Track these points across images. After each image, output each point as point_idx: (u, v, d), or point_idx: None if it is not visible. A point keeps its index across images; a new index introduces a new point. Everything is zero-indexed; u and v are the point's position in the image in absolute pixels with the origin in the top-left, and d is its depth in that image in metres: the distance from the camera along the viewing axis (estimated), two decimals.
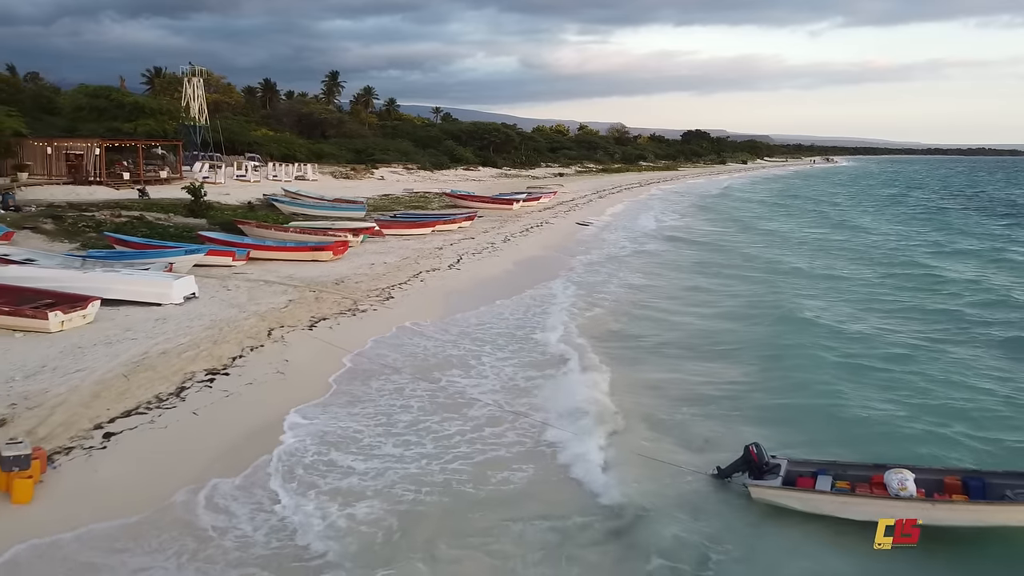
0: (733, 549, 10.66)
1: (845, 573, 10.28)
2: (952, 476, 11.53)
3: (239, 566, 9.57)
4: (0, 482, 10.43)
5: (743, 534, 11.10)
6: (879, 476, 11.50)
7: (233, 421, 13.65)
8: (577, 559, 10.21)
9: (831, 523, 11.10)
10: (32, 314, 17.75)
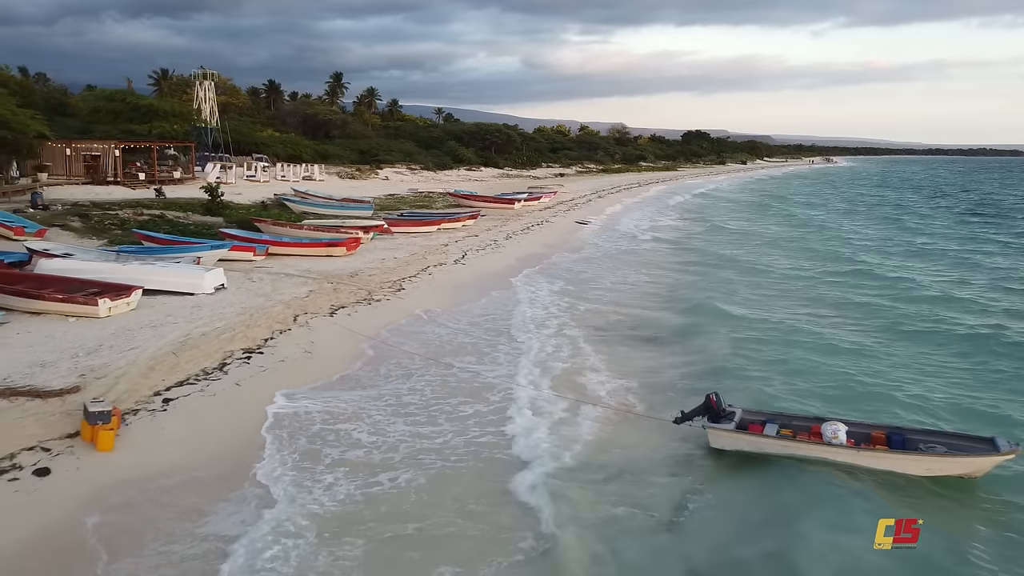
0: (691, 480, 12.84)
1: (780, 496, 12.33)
2: (879, 430, 13.67)
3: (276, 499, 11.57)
4: (86, 433, 12.44)
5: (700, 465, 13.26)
6: (817, 427, 13.68)
7: (271, 392, 15.64)
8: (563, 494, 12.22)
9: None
10: (83, 301, 19.77)
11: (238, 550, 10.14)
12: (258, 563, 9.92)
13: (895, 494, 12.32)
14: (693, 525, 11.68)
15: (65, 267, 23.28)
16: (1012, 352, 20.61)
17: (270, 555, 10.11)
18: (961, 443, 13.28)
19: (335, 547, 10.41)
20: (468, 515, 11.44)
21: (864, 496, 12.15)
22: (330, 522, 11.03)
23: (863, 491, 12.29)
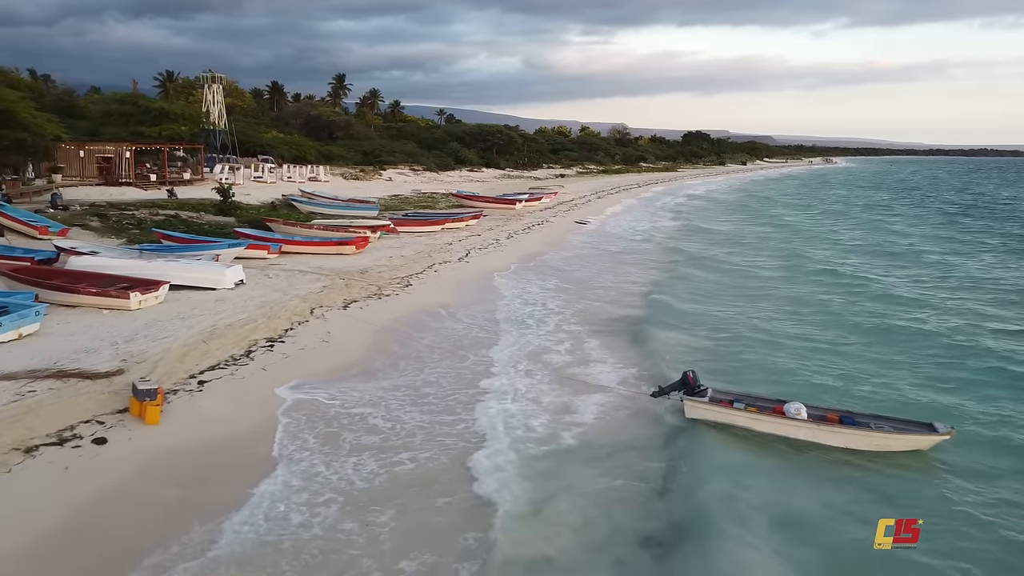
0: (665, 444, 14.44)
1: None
2: (833, 413, 15.37)
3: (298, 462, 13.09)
4: (135, 408, 13.96)
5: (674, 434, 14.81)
6: (780, 407, 15.24)
7: (294, 373, 17.17)
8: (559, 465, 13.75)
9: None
10: (116, 294, 21.30)
11: (263, 503, 11.70)
12: (280, 512, 11.45)
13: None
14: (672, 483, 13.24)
15: (94, 264, 24.81)
16: (946, 346, 22.31)
17: (292, 507, 11.65)
18: (904, 425, 14.89)
19: (363, 513, 11.92)
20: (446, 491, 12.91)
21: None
22: (354, 488, 12.56)
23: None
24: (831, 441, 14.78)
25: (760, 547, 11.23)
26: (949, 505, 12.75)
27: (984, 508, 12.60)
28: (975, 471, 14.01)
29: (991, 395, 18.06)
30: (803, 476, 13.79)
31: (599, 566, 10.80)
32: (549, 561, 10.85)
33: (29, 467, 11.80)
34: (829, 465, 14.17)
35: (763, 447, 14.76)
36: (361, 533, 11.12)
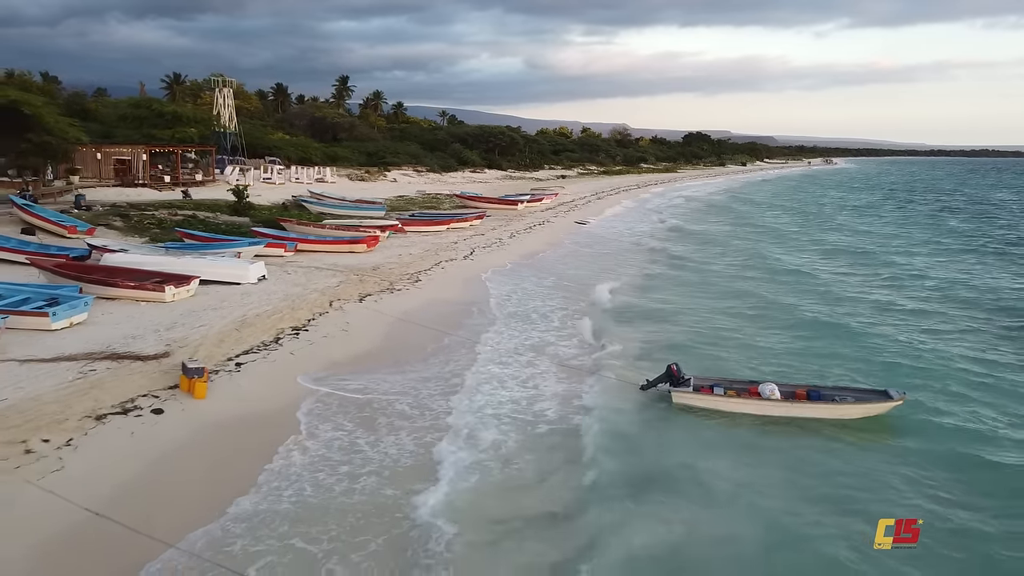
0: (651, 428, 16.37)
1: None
2: (801, 389, 17.34)
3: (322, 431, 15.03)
4: (184, 385, 15.90)
5: (656, 417, 16.72)
6: (755, 388, 17.17)
7: (318, 358, 19.12)
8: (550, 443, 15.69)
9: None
10: (152, 288, 23.25)
11: (294, 456, 13.68)
12: (307, 459, 13.41)
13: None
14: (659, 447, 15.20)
15: (128, 260, 26.76)
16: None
17: (316, 460, 13.60)
18: (863, 395, 16.90)
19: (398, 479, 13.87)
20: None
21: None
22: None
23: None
24: (802, 414, 16.75)
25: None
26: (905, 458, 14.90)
27: (925, 458, 14.64)
28: (923, 428, 16.17)
29: (918, 371, 20.25)
30: (759, 443, 15.79)
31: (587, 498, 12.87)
32: (547, 492, 13.06)
33: (102, 431, 13.74)
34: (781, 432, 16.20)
35: (730, 420, 16.76)
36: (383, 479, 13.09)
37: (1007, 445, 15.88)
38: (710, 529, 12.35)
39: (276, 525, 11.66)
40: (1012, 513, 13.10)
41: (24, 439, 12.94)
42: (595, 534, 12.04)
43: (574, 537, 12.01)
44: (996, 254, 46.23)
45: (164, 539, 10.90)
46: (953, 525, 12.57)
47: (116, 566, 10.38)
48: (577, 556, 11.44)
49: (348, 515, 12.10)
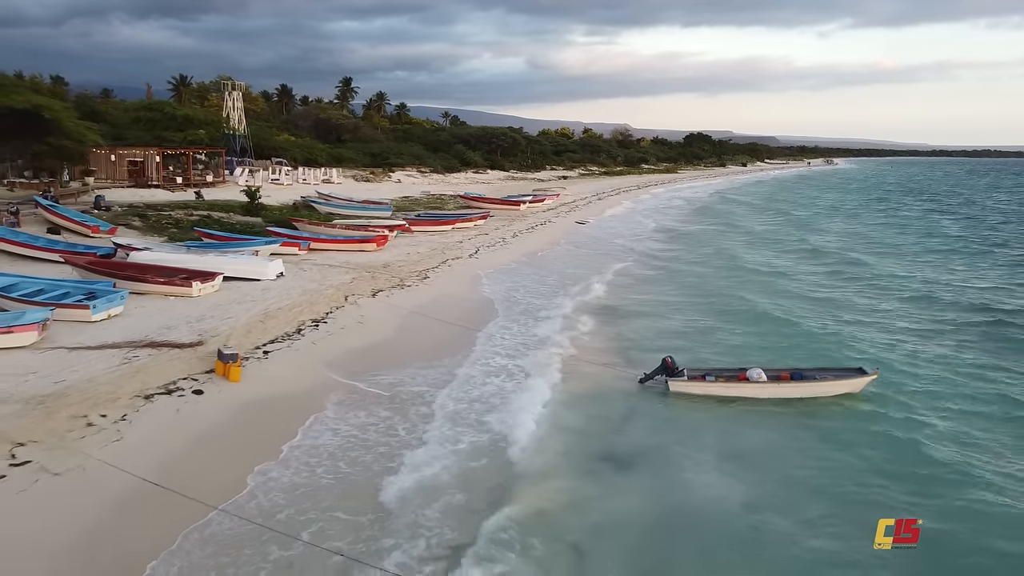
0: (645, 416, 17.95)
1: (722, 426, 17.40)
2: (785, 372, 18.91)
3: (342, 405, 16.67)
4: (219, 369, 17.53)
5: (653, 404, 18.32)
6: (743, 374, 18.75)
7: (338, 347, 20.77)
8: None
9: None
10: (180, 283, 24.90)
11: (320, 428, 15.32)
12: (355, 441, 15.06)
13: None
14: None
15: (153, 257, 28.44)
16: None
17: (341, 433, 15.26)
18: (841, 373, 18.58)
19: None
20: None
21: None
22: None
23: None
24: (787, 395, 18.40)
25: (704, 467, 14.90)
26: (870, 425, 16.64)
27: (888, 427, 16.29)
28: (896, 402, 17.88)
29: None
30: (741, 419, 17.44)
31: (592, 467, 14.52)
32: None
33: (151, 408, 15.38)
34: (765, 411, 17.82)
35: (719, 405, 18.39)
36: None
37: (954, 419, 17.53)
38: (701, 491, 14.02)
39: (308, 486, 13.32)
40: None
41: (85, 414, 14.60)
42: (610, 493, 13.97)
43: (588, 496, 13.72)
44: (977, 255, 47.74)
45: (209, 502, 12.49)
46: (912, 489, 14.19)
47: (167, 525, 11.95)
48: (593, 509, 13.29)
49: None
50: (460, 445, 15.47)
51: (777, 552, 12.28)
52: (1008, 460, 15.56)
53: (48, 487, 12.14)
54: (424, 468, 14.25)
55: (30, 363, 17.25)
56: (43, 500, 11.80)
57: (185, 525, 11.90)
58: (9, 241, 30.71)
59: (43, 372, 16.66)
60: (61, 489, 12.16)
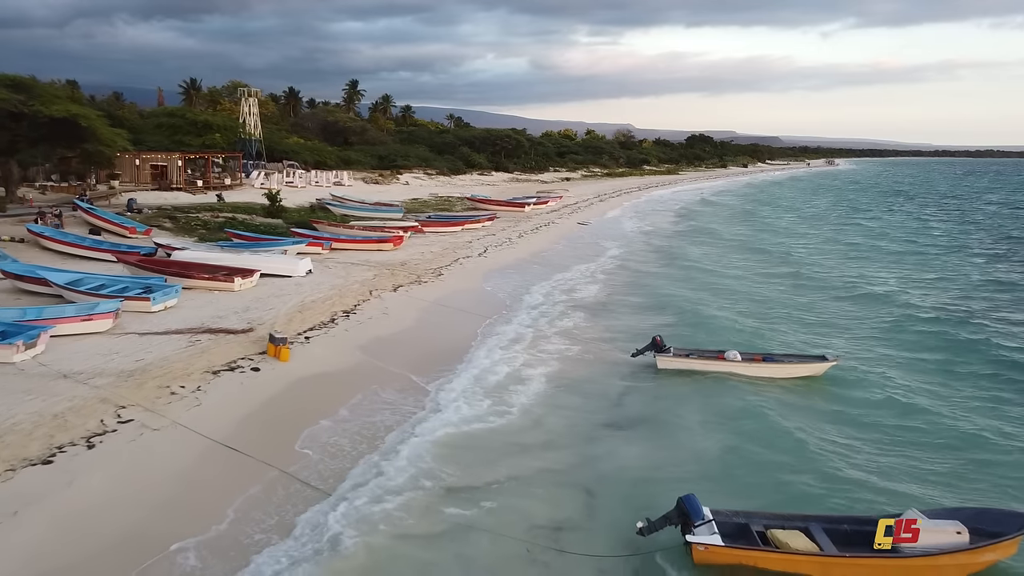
0: (643, 388, 20.80)
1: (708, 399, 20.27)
2: (757, 355, 21.84)
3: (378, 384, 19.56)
4: (271, 351, 20.44)
5: (647, 381, 21.21)
6: (722, 355, 21.64)
7: (368, 334, 23.68)
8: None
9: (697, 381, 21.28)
10: (224, 279, 27.82)
11: (360, 398, 18.23)
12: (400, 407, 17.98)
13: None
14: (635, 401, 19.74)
15: (194, 256, 31.38)
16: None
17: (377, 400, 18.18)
18: (806, 359, 21.46)
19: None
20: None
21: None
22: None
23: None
24: (759, 373, 21.25)
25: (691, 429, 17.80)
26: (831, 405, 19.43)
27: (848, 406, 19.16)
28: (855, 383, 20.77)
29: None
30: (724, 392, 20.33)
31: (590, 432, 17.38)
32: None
33: (219, 382, 18.30)
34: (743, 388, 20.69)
35: (699, 379, 21.30)
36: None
37: (893, 398, 20.37)
38: (685, 446, 16.93)
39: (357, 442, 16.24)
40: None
41: (167, 385, 17.53)
42: (611, 448, 16.76)
43: (594, 448, 16.61)
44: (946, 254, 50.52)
45: (272, 460, 15.34)
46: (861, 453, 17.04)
47: (241, 472, 14.78)
48: (597, 459, 16.18)
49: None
50: (477, 410, 18.39)
51: (746, 482, 15.13)
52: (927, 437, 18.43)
53: (150, 439, 15.04)
54: (439, 429, 17.09)
55: (110, 345, 20.21)
56: (148, 448, 14.70)
57: (252, 474, 14.67)
58: (59, 241, 33.74)
59: (123, 353, 19.61)
60: (161, 440, 15.06)
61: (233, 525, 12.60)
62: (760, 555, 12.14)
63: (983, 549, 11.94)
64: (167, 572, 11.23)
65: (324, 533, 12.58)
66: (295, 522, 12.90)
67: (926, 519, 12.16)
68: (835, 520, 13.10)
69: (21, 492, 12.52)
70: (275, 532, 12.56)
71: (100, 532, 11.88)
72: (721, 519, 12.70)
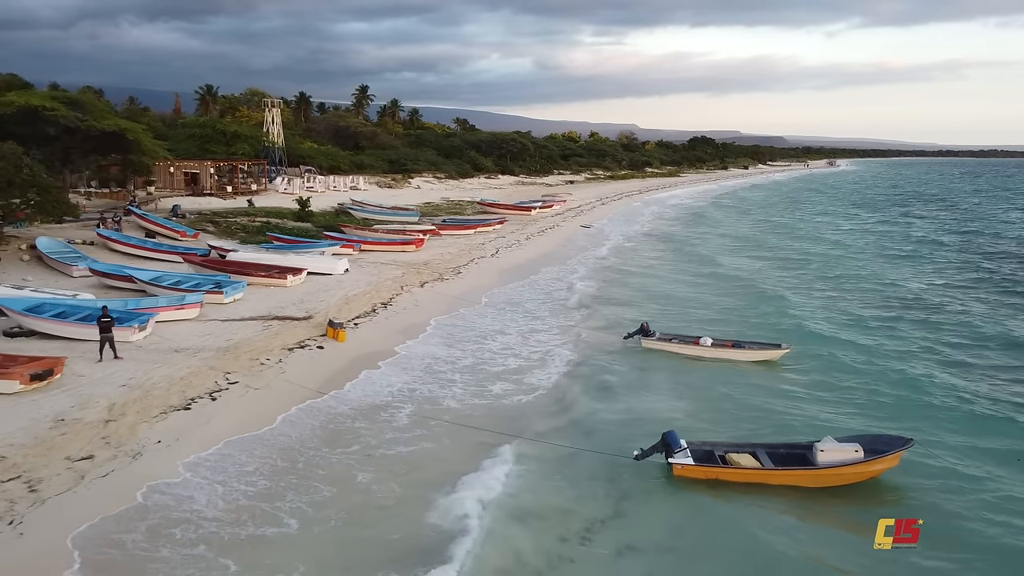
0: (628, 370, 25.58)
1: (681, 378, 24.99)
2: (728, 341, 26.51)
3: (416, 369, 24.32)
4: (330, 333, 25.23)
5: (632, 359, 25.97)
6: (697, 340, 26.35)
7: (404, 322, 28.49)
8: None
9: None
10: (278, 276, 32.65)
11: (394, 368, 23.02)
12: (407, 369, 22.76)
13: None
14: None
15: (247, 257, 36.22)
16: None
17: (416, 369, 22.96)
18: (765, 345, 26.17)
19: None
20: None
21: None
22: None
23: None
24: (726, 356, 25.93)
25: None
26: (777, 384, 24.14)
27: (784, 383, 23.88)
28: (795, 367, 25.47)
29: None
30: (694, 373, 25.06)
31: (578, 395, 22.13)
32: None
33: (295, 356, 23.11)
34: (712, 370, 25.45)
35: (677, 359, 26.04)
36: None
37: (827, 380, 25.04)
38: (660, 405, 21.65)
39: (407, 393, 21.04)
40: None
41: (256, 358, 22.38)
42: (597, 408, 21.38)
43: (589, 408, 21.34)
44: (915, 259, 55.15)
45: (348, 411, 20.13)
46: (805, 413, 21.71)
47: (319, 415, 19.52)
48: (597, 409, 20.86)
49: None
50: (492, 388, 23.18)
51: (714, 424, 19.87)
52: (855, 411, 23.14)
53: (254, 396, 19.86)
54: (463, 400, 21.86)
55: (201, 329, 25.07)
56: (254, 401, 19.52)
57: (326, 415, 19.46)
58: (125, 243, 38.61)
59: (214, 335, 24.46)
60: (262, 397, 19.88)
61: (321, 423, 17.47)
62: (719, 471, 16.96)
63: (871, 462, 16.69)
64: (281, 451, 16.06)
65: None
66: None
67: (834, 441, 16.99)
68: (775, 446, 17.76)
69: (175, 427, 17.36)
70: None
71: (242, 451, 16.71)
72: (693, 448, 17.36)
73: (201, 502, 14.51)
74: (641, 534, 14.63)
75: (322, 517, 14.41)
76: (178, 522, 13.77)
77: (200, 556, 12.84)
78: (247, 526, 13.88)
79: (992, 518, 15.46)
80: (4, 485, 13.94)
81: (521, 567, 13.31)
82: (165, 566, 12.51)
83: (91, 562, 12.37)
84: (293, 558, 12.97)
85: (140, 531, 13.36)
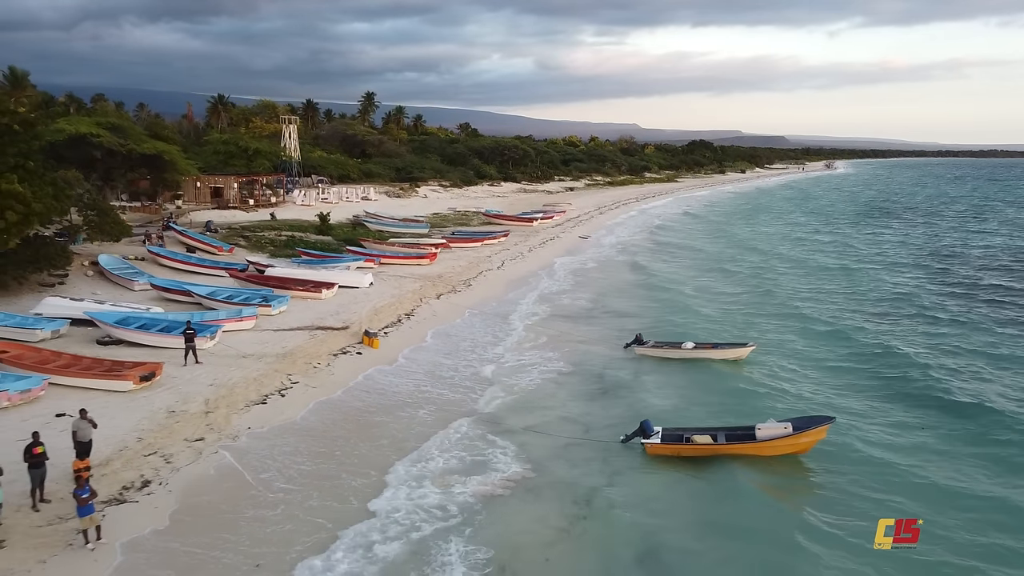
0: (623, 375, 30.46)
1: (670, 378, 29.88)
2: (708, 344, 31.36)
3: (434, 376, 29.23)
4: (366, 341, 30.13)
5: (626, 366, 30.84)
6: (681, 344, 31.24)
7: (426, 330, 33.37)
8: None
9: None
10: (314, 290, 37.55)
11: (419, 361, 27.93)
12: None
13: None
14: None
15: (283, 272, 41.13)
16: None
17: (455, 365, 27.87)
18: (735, 345, 31.09)
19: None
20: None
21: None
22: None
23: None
24: (705, 356, 30.78)
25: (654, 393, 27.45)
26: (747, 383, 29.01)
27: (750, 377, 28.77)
28: (760, 362, 30.38)
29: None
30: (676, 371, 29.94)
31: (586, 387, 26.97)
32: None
33: (339, 360, 28.02)
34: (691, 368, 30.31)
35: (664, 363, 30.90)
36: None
37: (789, 376, 29.91)
38: (650, 400, 26.47)
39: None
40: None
41: (308, 361, 27.30)
42: (593, 406, 26.21)
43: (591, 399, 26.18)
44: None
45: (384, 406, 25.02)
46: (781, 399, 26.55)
47: (362, 408, 24.38)
48: (606, 392, 25.65)
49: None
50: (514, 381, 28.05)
51: (687, 414, 24.68)
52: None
53: (313, 392, 24.78)
54: (494, 396, 26.73)
55: (258, 337, 30.02)
56: (312, 395, 24.44)
57: (368, 409, 24.30)
58: (172, 259, 43.59)
59: (271, 343, 29.40)
60: (318, 393, 24.81)
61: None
62: (681, 447, 21.93)
63: (799, 435, 21.69)
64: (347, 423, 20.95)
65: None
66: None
67: (773, 421, 22.14)
68: (731, 428, 22.53)
69: (260, 416, 22.29)
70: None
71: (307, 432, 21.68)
72: (667, 432, 22.24)
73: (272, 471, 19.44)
74: (630, 496, 19.40)
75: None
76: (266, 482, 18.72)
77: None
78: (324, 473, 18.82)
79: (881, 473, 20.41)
80: (148, 458, 18.88)
81: (543, 526, 17.81)
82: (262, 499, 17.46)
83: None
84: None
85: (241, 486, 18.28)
